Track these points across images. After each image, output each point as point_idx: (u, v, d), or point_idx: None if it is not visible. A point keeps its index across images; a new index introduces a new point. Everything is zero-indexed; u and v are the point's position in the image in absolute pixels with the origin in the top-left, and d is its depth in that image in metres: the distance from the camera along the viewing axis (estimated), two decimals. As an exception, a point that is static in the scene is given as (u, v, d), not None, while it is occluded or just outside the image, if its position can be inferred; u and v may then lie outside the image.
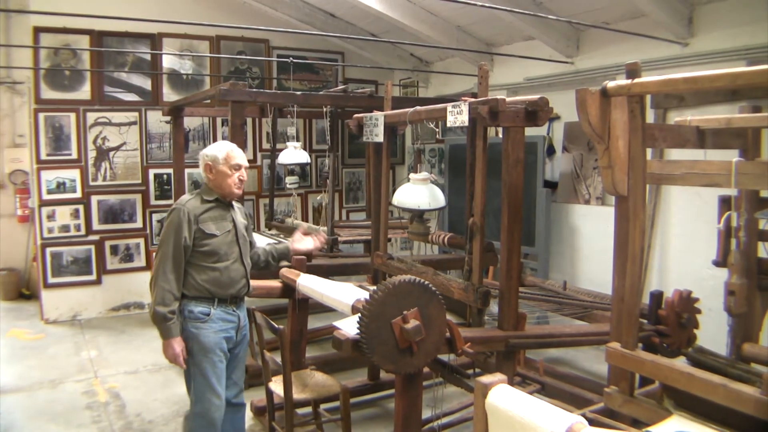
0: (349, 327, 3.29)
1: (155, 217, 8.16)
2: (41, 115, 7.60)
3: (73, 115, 7.71)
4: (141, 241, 8.19)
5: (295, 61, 7.12)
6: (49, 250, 7.75)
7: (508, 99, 3.48)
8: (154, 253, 3.69)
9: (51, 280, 7.79)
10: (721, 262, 3.49)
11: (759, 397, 2.17)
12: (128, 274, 8.13)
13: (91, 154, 7.83)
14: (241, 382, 3.97)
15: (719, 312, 3.54)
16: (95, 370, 6.08)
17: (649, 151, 2.75)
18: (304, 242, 4.27)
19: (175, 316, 3.53)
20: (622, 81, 2.49)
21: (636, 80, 2.45)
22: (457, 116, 3.64)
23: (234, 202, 3.86)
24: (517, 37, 7.39)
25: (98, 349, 6.73)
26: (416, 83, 9.36)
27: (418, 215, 4.35)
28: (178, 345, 3.54)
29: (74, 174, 7.76)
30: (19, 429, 4.89)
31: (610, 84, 2.51)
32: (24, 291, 9.03)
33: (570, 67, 6.81)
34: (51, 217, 7.69)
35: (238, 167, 3.75)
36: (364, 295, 3.57)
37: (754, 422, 2.23)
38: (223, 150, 3.74)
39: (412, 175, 4.30)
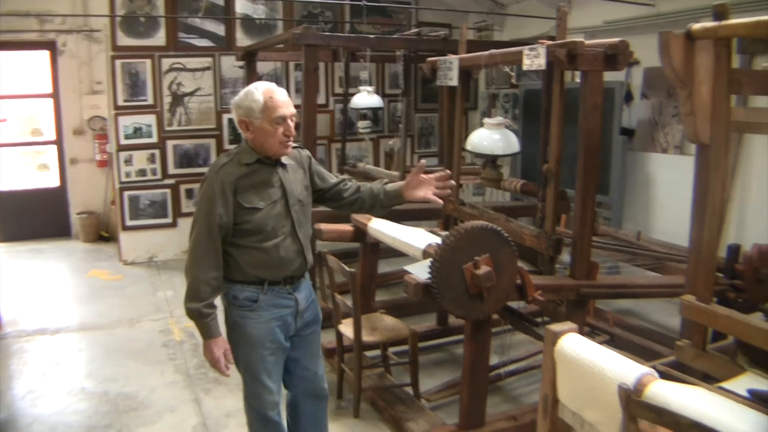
0: (419, 272, 3.30)
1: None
2: (118, 62, 7.73)
3: (148, 62, 7.82)
4: (216, 184, 8.33)
5: (368, 4, 7.04)
6: (126, 194, 7.97)
7: (587, 42, 3.38)
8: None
9: (129, 222, 8.04)
10: (805, 216, 3.37)
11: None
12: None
13: (167, 99, 7.96)
14: (320, 369, 3.27)
15: (801, 267, 3.42)
16: (171, 310, 6.30)
17: (733, 98, 2.64)
18: (421, 187, 3.07)
19: (213, 310, 2.86)
20: (709, 23, 2.39)
21: (724, 22, 2.34)
22: (534, 60, 3.57)
23: (284, 157, 2.99)
24: (597, -21, 7.14)
25: (174, 289, 6.94)
26: (491, 26, 9.16)
27: (492, 161, 4.32)
28: (218, 348, 2.89)
29: (150, 119, 7.91)
30: (100, 364, 5.13)
31: (696, 26, 2.41)
32: (103, 233, 9.34)
33: (651, 9, 6.54)
34: (128, 161, 7.89)
35: (282, 119, 2.83)
36: (436, 240, 3.58)
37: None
38: (259, 98, 2.81)
39: (486, 120, 4.25)
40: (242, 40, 8.16)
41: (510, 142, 4.19)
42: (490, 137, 4.18)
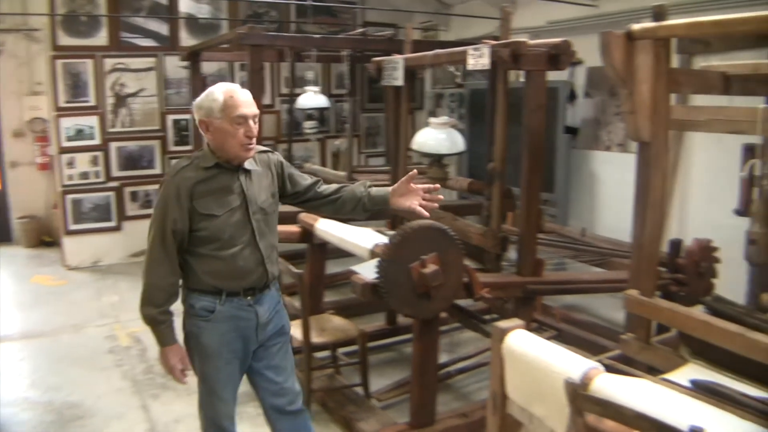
0: (367, 271, 3.31)
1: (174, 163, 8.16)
2: (58, 62, 7.54)
3: (90, 62, 7.65)
4: (160, 187, 8.20)
5: (313, 3, 7.02)
6: (69, 197, 7.78)
7: (530, 42, 3.42)
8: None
9: (72, 226, 7.84)
10: (742, 211, 3.46)
11: (777, 346, 2.16)
12: (148, 220, 7.92)
13: (110, 100, 7.79)
14: (288, 382, 3.06)
15: (739, 261, 3.52)
16: (116, 315, 6.18)
17: (672, 97, 2.71)
18: (409, 196, 2.92)
19: (168, 317, 2.78)
20: (648, 24, 2.44)
21: (663, 23, 2.40)
22: (478, 59, 3.59)
23: (248, 162, 2.83)
24: (540, -21, 7.22)
25: (119, 294, 6.82)
26: (436, 27, 9.20)
27: (437, 160, 4.34)
28: (174, 355, 2.81)
29: (93, 121, 7.73)
30: (44, 372, 5.00)
31: (636, 27, 2.46)
32: (45, 238, 9.07)
33: (594, 10, 6.65)
34: (71, 164, 7.70)
35: (242, 119, 2.69)
36: (383, 239, 3.59)
37: (771, 371, 2.23)
38: (219, 98, 2.69)
39: (431, 119, 4.28)
40: (187, 39, 8.04)
41: (455, 141, 4.22)
42: (435, 136, 4.20)
